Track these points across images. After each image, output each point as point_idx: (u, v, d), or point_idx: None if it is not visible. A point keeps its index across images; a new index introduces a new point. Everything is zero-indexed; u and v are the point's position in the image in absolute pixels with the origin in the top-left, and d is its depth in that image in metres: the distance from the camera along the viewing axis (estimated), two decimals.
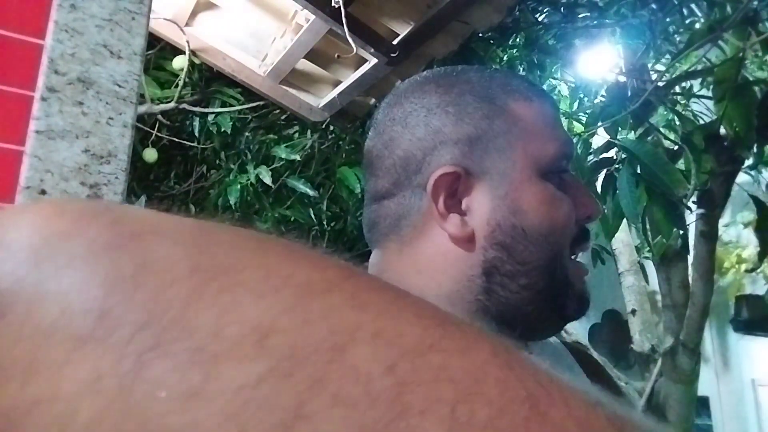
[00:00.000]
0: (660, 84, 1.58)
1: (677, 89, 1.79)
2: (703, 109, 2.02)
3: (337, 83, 1.85)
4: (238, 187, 1.99)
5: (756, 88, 1.33)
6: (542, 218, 0.45)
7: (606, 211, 1.34)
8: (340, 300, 0.17)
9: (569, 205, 0.47)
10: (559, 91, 2.53)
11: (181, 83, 1.89)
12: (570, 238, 0.47)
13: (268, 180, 1.97)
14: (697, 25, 1.67)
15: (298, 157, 2.03)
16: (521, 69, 2.20)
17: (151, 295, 0.16)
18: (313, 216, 2.09)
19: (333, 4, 1.37)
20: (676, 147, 1.57)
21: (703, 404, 2.77)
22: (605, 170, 1.40)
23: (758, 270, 2.44)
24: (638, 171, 1.24)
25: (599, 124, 1.55)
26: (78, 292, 0.17)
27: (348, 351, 0.15)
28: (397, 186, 0.48)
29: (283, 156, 2.02)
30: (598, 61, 2.11)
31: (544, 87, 2.38)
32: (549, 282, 0.45)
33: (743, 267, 2.58)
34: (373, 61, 1.60)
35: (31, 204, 0.20)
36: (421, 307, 0.18)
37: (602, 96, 2.04)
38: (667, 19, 1.75)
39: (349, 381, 0.15)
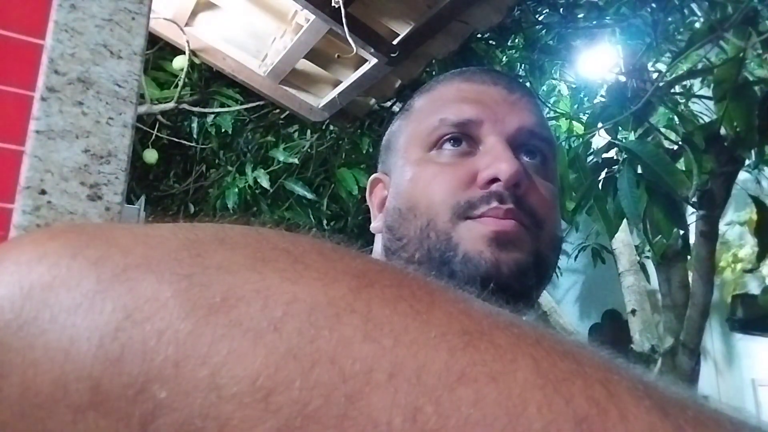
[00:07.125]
0: (660, 84, 1.58)
1: (677, 89, 1.79)
2: (704, 109, 2.02)
3: (337, 83, 1.84)
4: (236, 190, 2.00)
5: (756, 88, 1.33)
6: (410, 193, 0.48)
7: (607, 210, 1.34)
8: (351, 330, 0.15)
9: (451, 172, 0.46)
10: (559, 92, 2.53)
11: (180, 83, 1.89)
12: (456, 202, 0.45)
13: (265, 184, 1.97)
14: (698, 25, 1.67)
15: (296, 161, 2.03)
16: (521, 69, 2.19)
17: (140, 352, 0.15)
18: (312, 217, 2.09)
19: (333, 4, 1.36)
20: (676, 147, 1.57)
21: None
22: (606, 171, 1.40)
23: (756, 270, 2.43)
24: (639, 171, 1.24)
25: (600, 125, 1.55)
26: (66, 356, 0.16)
27: (363, 399, 0.14)
28: None
29: (281, 159, 2.02)
30: (599, 62, 2.11)
31: (544, 87, 2.38)
32: (426, 252, 0.45)
33: (738, 266, 2.56)
34: (373, 61, 1.60)
35: (9, 246, 0.19)
36: (447, 310, 0.16)
37: (602, 96, 2.04)
38: (668, 19, 1.75)
39: None
